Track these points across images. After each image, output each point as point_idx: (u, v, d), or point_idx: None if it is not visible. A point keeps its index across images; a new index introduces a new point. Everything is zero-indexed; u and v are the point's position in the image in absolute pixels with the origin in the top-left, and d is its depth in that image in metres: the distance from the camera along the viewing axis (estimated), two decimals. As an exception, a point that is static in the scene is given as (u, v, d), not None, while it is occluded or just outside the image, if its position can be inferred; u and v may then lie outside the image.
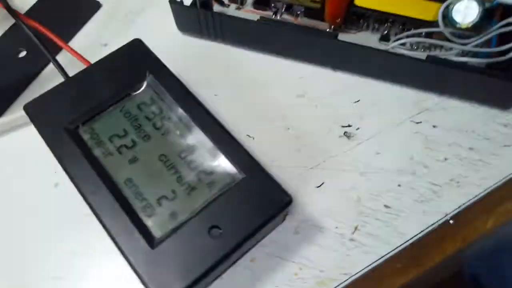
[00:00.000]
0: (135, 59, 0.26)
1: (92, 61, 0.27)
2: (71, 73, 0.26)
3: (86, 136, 0.24)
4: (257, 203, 0.21)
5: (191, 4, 0.30)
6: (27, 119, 0.26)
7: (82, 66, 0.27)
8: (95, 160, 0.23)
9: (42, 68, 0.31)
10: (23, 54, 0.32)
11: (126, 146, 0.23)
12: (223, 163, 0.22)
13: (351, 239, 0.24)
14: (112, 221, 0.21)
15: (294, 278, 0.23)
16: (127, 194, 0.22)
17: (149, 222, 0.21)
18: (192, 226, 0.21)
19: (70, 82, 0.25)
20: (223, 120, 0.24)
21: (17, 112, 0.28)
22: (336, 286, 0.23)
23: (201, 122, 0.23)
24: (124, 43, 0.26)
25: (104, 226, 0.21)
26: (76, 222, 0.25)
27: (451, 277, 0.27)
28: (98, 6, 0.35)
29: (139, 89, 0.25)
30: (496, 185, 0.26)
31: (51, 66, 0.31)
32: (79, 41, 0.33)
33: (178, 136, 0.24)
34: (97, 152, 0.23)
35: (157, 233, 0.21)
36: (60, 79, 0.27)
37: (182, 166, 0.23)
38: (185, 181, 0.22)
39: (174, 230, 0.21)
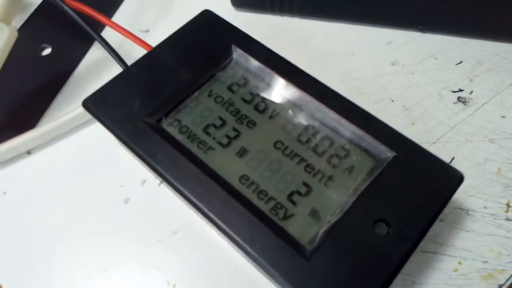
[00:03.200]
0: (212, 32, 0.21)
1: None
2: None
3: (173, 130, 0.19)
4: (424, 185, 0.16)
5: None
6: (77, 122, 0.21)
7: (129, 57, 0.22)
8: (195, 158, 0.18)
9: (75, 66, 0.26)
10: (47, 51, 0.26)
11: (228, 137, 0.18)
12: (360, 141, 0.18)
13: (507, 219, 0.20)
14: (243, 232, 0.16)
15: (455, 274, 0.19)
16: (248, 195, 0.17)
17: (288, 227, 0.16)
18: (349, 224, 0.16)
19: (135, 69, 0.20)
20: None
21: (54, 121, 0.22)
22: (508, 279, 0.19)
23: (317, 94, 0.19)
24: (167, 28, 0.21)
25: (235, 241, 0.16)
26: (163, 240, 0.20)
27: None
28: (128, -11, 0.29)
29: (226, 67, 0.20)
30: None
31: (83, 64, 0.26)
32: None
33: (291, 117, 0.19)
34: (193, 148, 0.18)
35: (303, 239, 0.16)
36: (102, 75, 0.22)
37: (306, 152, 0.18)
38: (317, 170, 0.17)
39: (328, 233, 0.16)
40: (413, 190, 0.16)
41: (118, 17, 0.28)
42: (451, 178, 0.17)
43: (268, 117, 0.19)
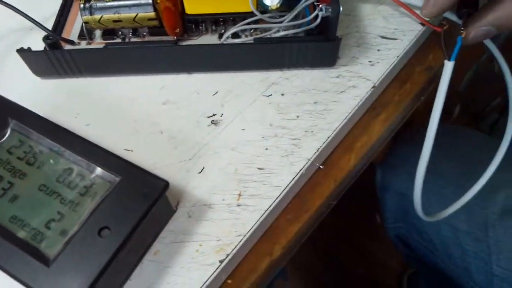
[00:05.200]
0: (-7, 110, 0.27)
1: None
2: None
3: (-40, 193, 0.24)
4: (137, 195, 0.23)
5: (44, 49, 0.32)
6: None
7: None
8: (-25, 210, 0.23)
9: None
10: None
11: (4, 189, 0.24)
12: (99, 173, 0.24)
13: (238, 205, 0.27)
14: (4, 258, 0.22)
15: (196, 254, 0.26)
16: (14, 229, 0.23)
17: (41, 246, 0.22)
18: (82, 234, 0.22)
19: None
20: (99, 144, 0.26)
21: None
22: (233, 249, 0.26)
23: (70, 145, 0.25)
24: None
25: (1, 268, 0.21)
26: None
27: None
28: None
29: (4, 136, 0.26)
30: (341, 124, 0.30)
31: None
32: None
33: (52, 165, 0.25)
34: (-25, 203, 0.24)
35: (50, 252, 0.22)
36: None
37: (62, 189, 0.24)
38: (68, 200, 0.24)
39: (66, 244, 0.22)
40: (130, 200, 0.23)
41: None
42: (158, 186, 0.24)
43: (36, 167, 0.25)
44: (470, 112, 0.98)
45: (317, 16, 0.31)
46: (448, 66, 0.28)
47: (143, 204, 0.23)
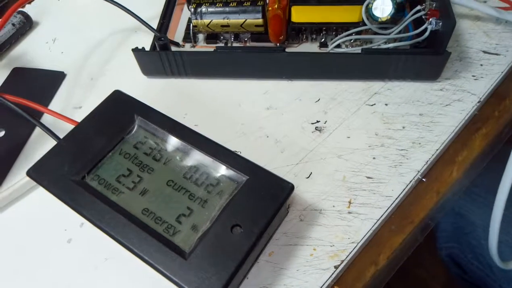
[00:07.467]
0: (120, 107, 0.28)
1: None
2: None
3: (94, 183, 0.26)
4: (265, 195, 0.24)
5: (151, 49, 0.34)
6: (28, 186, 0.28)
7: (63, 129, 0.29)
8: (110, 201, 0.25)
9: (24, 143, 0.33)
10: (1, 134, 0.33)
11: (134, 182, 0.26)
12: (226, 172, 0.25)
13: (349, 212, 0.28)
14: (143, 248, 0.23)
15: (311, 258, 0.26)
16: (147, 222, 0.24)
17: (176, 239, 0.23)
18: (215, 231, 0.23)
19: (64, 141, 0.27)
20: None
21: (12, 186, 0.29)
22: (347, 255, 0.26)
23: (195, 143, 0.26)
24: (97, 101, 0.29)
25: (138, 255, 0.22)
26: (99, 267, 0.26)
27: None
28: (63, 75, 0.37)
29: (131, 131, 0.28)
30: (449, 138, 0.30)
31: (29, 140, 0.33)
32: (54, 109, 0.34)
33: (178, 161, 0.26)
34: (108, 194, 0.25)
35: (184, 246, 0.23)
36: (44, 147, 0.29)
37: (190, 185, 0.25)
38: (197, 196, 0.25)
39: (200, 239, 0.23)
40: (258, 201, 0.24)
41: (57, 98, 0.36)
42: (285, 188, 0.24)
43: (163, 163, 0.26)
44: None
45: (425, 29, 0.31)
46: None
47: (272, 204, 0.24)
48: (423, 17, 0.32)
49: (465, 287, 0.61)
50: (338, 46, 0.34)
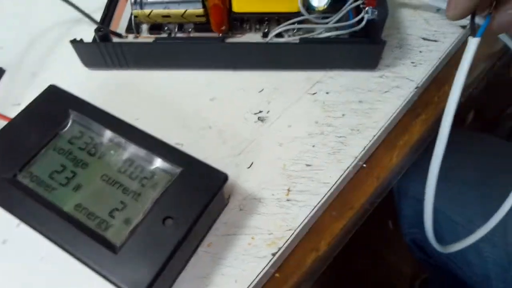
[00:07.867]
0: (55, 102, 0.28)
1: (11, 118, 0.28)
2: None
3: (26, 181, 0.25)
4: (199, 187, 0.24)
5: (93, 41, 0.33)
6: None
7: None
8: (41, 198, 0.24)
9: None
10: None
11: (67, 178, 0.25)
12: (160, 165, 0.25)
13: (287, 200, 0.28)
14: (73, 244, 0.22)
15: (249, 247, 0.26)
16: (80, 218, 0.24)
17: (107, 234, 0.23)
18: (147, 223, 0.23)
19: (-5, 138, 0.27)
20: (150, 136, 0.27)
21: None
22: (285, 242, 0.26)
23: (131, 137, 0.26)
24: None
25: (69, 252, 0.22)
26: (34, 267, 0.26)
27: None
28: (2, 71, 0.36)
29: (65, 126, 0.27)
30: (387, 123, 0.31)
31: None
32: (-9, 106, 0.34)
33: (113, 155, 0.26)
34: (40, 191, 0.25)
35: (116, 240, 0.23)
36: None
37: (124, 179, 0.25)
38: (130, 190, 0.25)
39: (132, 233, 0.23)
40: (191, 192, 0.24)
41: (-4, 94, 0.35)
42: (218, 179, 0.24)
43: (97, 157, 0.26)
44: (484, 118, 0.98)
45: (362, 18, 0.32)
46: (472, 42, 0.24)
47: (205, 195, 0.24)
48: (361, 6, 0.32)
49: (431, 269, 0.63)
50: (281, 36, 0.34)
